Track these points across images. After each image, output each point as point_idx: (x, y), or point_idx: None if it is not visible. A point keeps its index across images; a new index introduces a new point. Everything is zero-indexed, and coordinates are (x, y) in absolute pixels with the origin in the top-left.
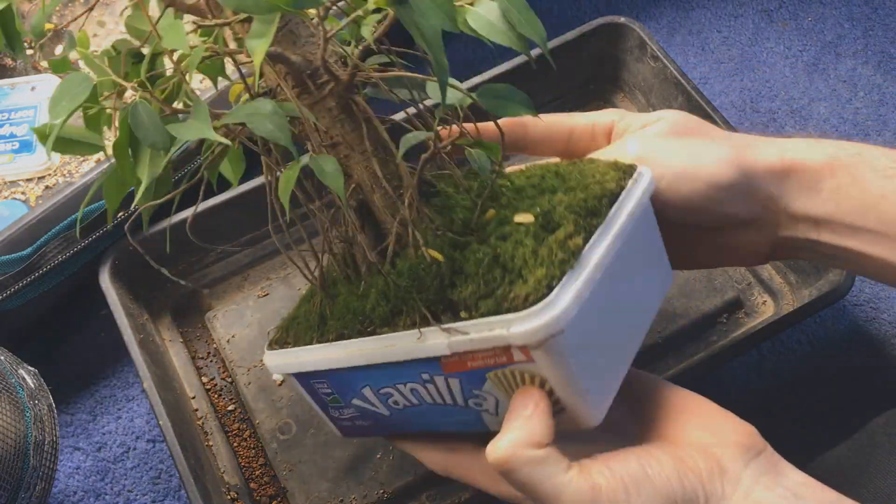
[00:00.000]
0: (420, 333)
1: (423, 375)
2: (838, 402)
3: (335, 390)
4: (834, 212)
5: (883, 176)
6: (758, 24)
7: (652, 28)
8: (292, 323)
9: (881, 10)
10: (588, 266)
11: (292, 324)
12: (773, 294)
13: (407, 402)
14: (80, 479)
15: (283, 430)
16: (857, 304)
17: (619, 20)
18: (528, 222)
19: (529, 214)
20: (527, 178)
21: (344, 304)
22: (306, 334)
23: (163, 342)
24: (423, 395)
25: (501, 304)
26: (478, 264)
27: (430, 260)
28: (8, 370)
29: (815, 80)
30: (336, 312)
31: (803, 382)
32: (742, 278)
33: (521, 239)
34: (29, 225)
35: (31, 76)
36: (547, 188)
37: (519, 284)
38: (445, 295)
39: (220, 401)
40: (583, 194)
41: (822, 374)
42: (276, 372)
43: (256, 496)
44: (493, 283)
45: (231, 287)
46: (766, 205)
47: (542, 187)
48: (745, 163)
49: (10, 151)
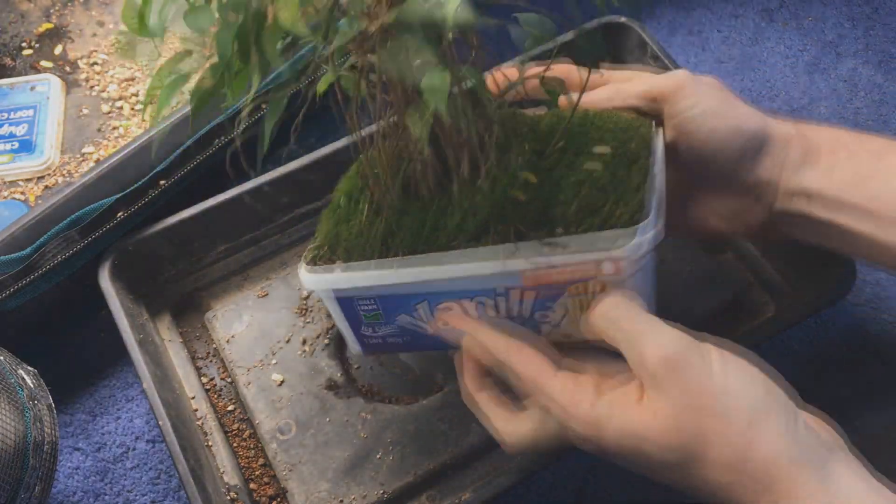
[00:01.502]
0: (516, 248)
1: (497, 289)
2: (838, 402)
3: (381, 308)
4: (826, 185)
5: (877, 156)
6: (758, 23)
7: (652, 28)
8: (337, 241)
9: (881, 10)
10: (661, 188)
11: (337, 241)
12: (773, 293)
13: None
14: (80, 479)
15: (283, 431)
16: (858, 304)
17: (619, 20)
18: (607, 152)
19: (606, 147)
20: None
21: (419, 220)
22: (363, 251)
23: (162, 342)
24: (486, 310)
25: (607, 220)
26: (578, 185)
27: (522, 181)
28: (7, 370)
29: (816, 79)
30: (408, 227)
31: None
32: (742, 278)
33: (610, 164)
34: (28, 225)
35: (31, 76)
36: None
37: (622, 206)
38: (547, 212)
39: (220, 401)
40: (634, 135)
41: (822, 374)
42: (315, 289)
43: (256, 496)
44: (596, 202)
45: (231, 287)
46: (771, 173)
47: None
48: (767, 122)
49: (9, 151)
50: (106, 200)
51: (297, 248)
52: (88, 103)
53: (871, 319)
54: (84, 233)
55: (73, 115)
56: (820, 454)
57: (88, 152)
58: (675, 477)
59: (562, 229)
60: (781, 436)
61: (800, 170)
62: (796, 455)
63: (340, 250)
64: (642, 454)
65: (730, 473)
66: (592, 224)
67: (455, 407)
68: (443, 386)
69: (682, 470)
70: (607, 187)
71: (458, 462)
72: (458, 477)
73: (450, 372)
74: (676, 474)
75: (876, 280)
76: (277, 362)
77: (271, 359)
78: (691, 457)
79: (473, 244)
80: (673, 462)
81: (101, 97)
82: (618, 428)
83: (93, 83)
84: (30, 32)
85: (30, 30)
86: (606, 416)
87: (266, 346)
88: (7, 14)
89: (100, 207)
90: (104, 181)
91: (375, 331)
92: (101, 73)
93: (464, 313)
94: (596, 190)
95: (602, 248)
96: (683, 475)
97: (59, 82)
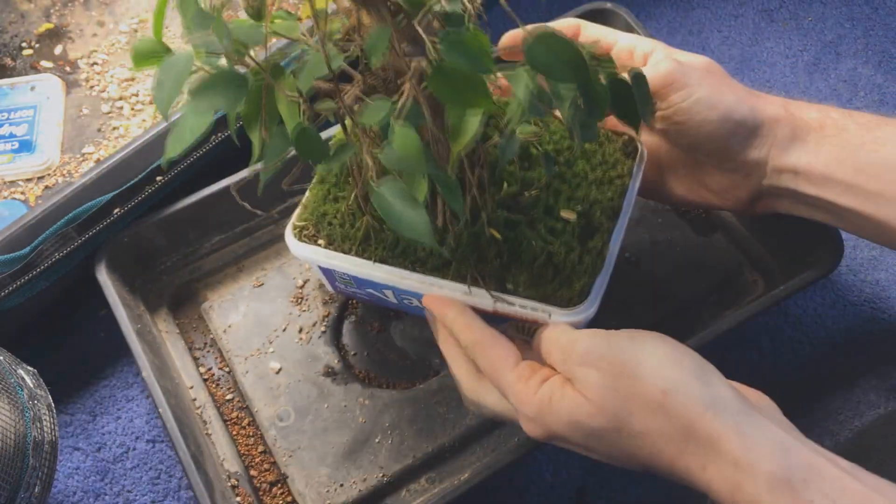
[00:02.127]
0: (469, 291)
1: None
2: (837, 402)
3: (354, 280)
4: (813, 161)
5: (865, 128)
6: (758, 23)
7: (652, 28)
8: (322, 220)
9: (881, 10)
10: (609, 267)
11: (322, 221)
12: (763, 272)
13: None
14: (80, 479)
15: (282, 417)
16: (857, 304)
17: (605, 6)
18: (571, 219)
19: (572, 212)
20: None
21: (393, 237)
22: (344, 243)
23: (159, 333)
24: None
25: (549, 297)
26: (534, 258)
27: (489, 236)
28: (7, 370)
29: (816, 79)
30: (384, 242)
31: (802, 382)
32: (732, 258)
33: (569, 242)
34: (28, 225)
35: (31, 76)
36: (580, 173)
37: (565, 290)
38: (503, 269)
39: (218, 390)
40: (609, 192)
41: (822, 373)
42: (302, 258)
43: (257, 483)
44: (543, 278)
45: (226, 277)
46: (760, 152)
47: (576, 171)
48: (757, 105)
49: (9, 151)
50: (103, 198)
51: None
52: (88, 103)
53: (871, 319)
54: (81, 230)
55: (73, 115)
56: (739, 405)
57: (88, 152)
58: (612, 451)
59: (511, 286)
60: (695, 389)
61: (788, 148)
62: (709, 401)
63: (324, 234)
64: (578, 429)
65: (653, 432)
66: (536, 295)
67: (452, 390)
68: (439, 370)
69: (615, 440)
70: (559, 266)
71: (457, 444)
72: (457, 458)
73: None
74: (611, 447)
75: (875, 280)
76: (275, 350)
77: (268, 347)
78: (618, 427)
79: (435, 273)
80: (604, 434)
81: (101, 97)
82: (556, 409)
83: (93, 83)
84: (30, 32)
85: (30, 30)
86: (547, 399)
87: (263, 335)
88: (7, 14)
89: (97, 204)
90: (104, 181)
91: (346, 287)
92: (101, 73)
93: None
94: (548, 268)
95: (542, 313)
96: (617, 446)
97: (59, 82)
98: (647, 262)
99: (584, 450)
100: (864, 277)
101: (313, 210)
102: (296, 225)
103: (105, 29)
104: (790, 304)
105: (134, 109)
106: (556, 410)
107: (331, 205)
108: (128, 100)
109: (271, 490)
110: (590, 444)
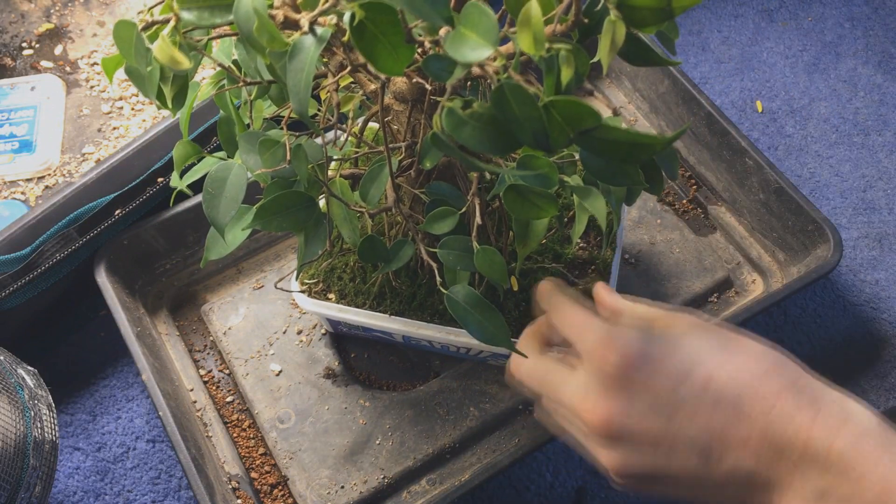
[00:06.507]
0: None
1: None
2: None
3: (364, 328)
4: None
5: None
6: (758, 23)
7: None
8: (331, 275)
9: (881, 10)
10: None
11: (331, 276)
12: (762, 272)
13: (428, 344)
14: (80, 479)
15: (283, 419)
16: (858, 304)
17: None
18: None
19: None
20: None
21: (409, 293)
22: (357, 297)
23: (159, 336)
24: (449, 347)
25: None
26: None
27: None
28: (8, 370)
29: (816, 79)
30: (401, 297)
31: None
32: (731, 258)
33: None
34: (28, 225)
35: (31, 76)
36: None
37: None
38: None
39: (219, 392)
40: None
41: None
42: (314, 313)
43: (257, 485)
44: None
45: (226, 280)
46: None
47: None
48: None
49: (9, 151)
50: (104, 198)
51: (290, 239)
52: (88, 103)
53: (871, 319)
54: (82, 231)
55: (73, 115)
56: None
57: (88, 152)
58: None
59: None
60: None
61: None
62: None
63: (335, 289)
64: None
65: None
66: None
67: (452, 391)
68: (439, 372)
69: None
70: None
71: (457, 445)
72: (457, 460)
73: (445, 359)
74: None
75: (875, 280)
76: (275, 352)
77: (268, 349)
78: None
79: (453, 323)
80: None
81: (101, 97)
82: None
83: (93, 83)
84: (30, 32)
85: (30, 30)
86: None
87: (263, 337)
88: (7, 14)
89: (98, 205)
90: (104, 181)
91: (351, 330)
92: (101, 73)
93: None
94: None
95: None
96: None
97: (59, 82)
98: (647, 262)
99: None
100: (863, 277)
101: (317, 265)
102: (304, 282)
103: (105, 29)
104: (790, 304)
105: (134, 109)
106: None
107: (338, 258)
108: (128, 100)
109: (272, 492)
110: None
